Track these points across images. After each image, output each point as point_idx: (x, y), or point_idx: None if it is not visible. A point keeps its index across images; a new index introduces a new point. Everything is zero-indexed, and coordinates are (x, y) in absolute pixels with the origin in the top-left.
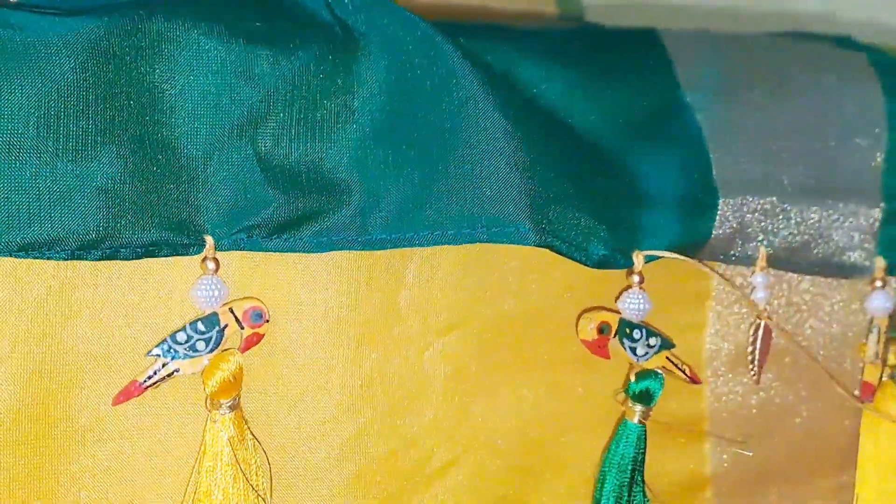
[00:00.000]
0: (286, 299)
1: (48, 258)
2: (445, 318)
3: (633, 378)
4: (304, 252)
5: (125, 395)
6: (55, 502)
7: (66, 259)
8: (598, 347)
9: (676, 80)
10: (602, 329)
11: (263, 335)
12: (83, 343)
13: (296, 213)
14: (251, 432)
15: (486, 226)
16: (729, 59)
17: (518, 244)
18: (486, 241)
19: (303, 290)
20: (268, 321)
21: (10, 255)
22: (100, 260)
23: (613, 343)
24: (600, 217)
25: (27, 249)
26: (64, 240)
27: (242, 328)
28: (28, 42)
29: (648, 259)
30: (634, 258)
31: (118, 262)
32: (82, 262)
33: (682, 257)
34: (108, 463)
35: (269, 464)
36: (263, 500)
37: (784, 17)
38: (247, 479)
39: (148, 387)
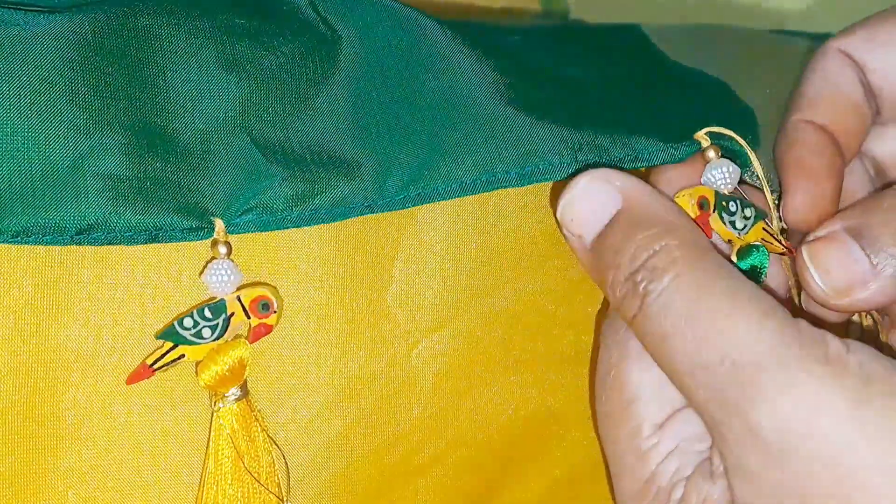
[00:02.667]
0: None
1: (47, 244)
2: (434, 315)
3: (734, 258)
4: (321, 223)
5: (136, 376)
6: (43, 501)
7: (65, 244)
8: (701, 225)
9: None
10: (702, 204)
11: (272, 326)
12: (72, 340)
13: (307, 188)
14: (260, 424)
15: (511, 167)
16: (713, 56)
17: (542, 181)
18: (516, 185)
19: (288, 286)
20: (276, 312)
21: (7, 242)
22: (101, 245)
23: (713, 219)
24: (637, 113)
25: (24, 235)
26: (62, 225)
27: (249, 318)
28: (22, 37)
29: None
30: (699, 139)
31: (107, 260)
32: (70, 259)
33: (740, 140)
34: (97, 461)
35: (284, 458)
36: (279, 499)
37: (767, 16)
38: (252, 475)
39: (156, 370)
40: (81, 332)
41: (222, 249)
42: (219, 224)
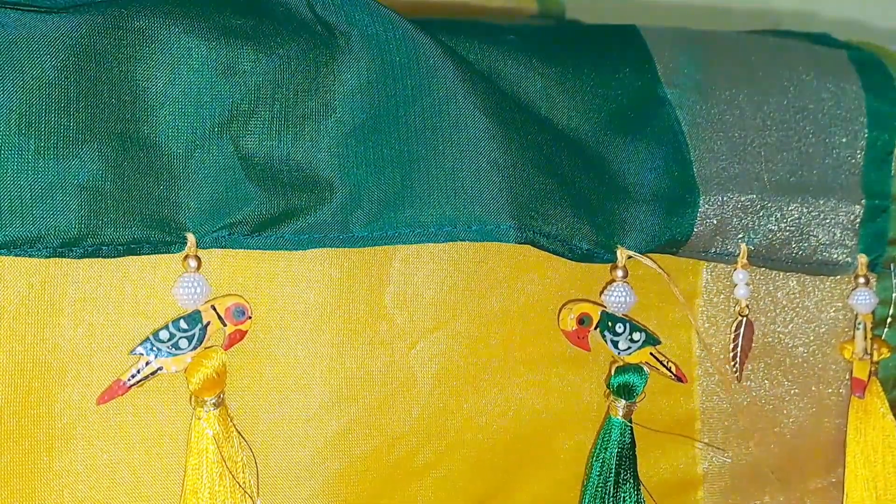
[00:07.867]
0: (269, 296)
1: (30, 255)
2: (432, 315)
3: (612, 372)
4: (285, 250)
5: (109, 394)
6: (38, 501)
7: (48, 256)
8: (578, 339)
9: (657, 77)
10: (582, 320)
11: (246, 332)
12: (66, 341)
13: (277, 210)
14: (237, 429)
15: (468, 224)
16: (709, 57)
17: (500, 242)
18: (468, 240)
19: (285, 288)
20: (250, 318)
21: None
22: (81, 257)
23: (595, 335)
24: (582, 212)
25: (9, 247)
26: (45, 237)
27: (225, 325)
28: (9, 40)
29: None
30: (618, 253)
31: (100, 259)
32: (64, 259)
33: (657, 267)
34: (91, 461)
35: (255, 461)
36: (251, 497)
37: (763, 15)
38: (233, 476)
39: (131, 386)
40: (76, 332)
41: (192, 263)
42: (191, 239)
